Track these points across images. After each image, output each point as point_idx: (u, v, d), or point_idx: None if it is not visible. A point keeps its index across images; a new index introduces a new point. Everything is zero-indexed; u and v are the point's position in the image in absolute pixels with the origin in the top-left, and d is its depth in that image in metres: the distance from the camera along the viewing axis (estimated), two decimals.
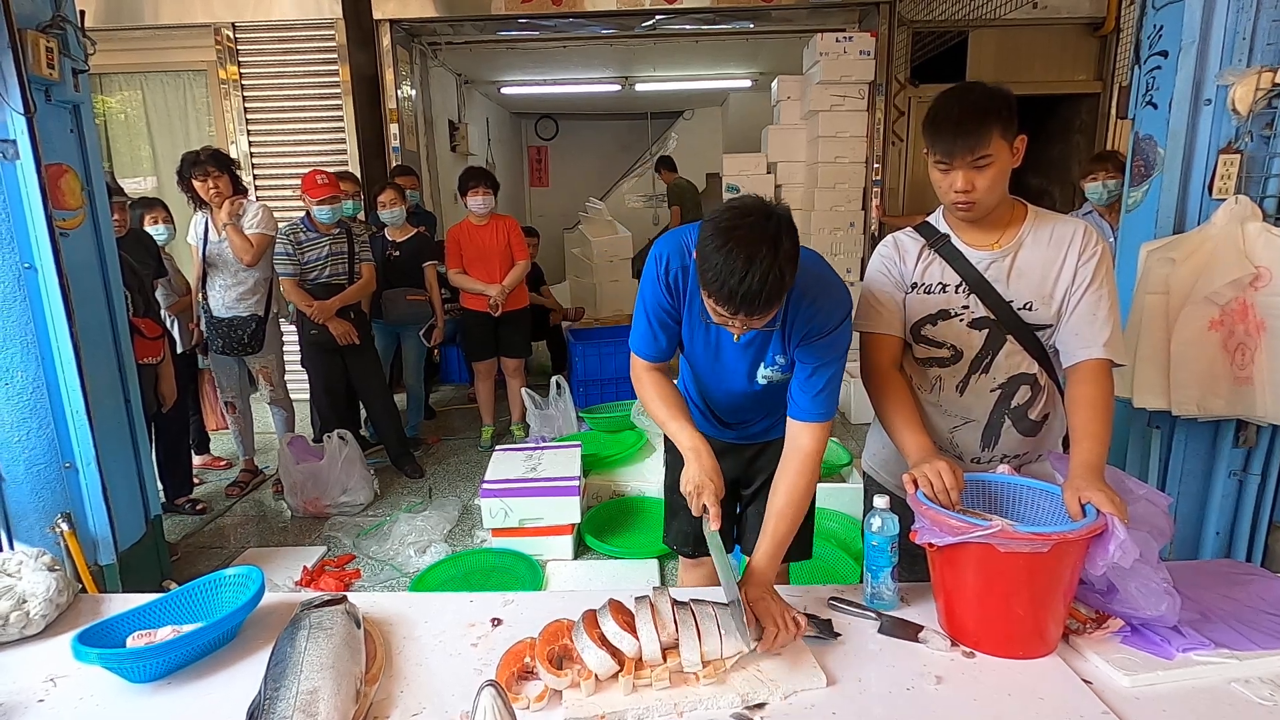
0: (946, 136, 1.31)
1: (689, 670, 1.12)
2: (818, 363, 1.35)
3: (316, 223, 3.54)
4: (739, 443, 1.66)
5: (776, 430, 1.56)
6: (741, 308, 1.14)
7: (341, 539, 3.23)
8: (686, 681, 1.11)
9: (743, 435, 1.65)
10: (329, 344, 3.57)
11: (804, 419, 1.37)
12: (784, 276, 1.13)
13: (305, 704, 1.00)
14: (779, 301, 1.17)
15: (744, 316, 1.17)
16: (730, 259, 1.11)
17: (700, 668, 1.11)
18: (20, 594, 1.29)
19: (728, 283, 1.12)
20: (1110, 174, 3.22)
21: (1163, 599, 1.15)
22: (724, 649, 1.13)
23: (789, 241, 1.14)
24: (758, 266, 1.10)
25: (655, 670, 1.11)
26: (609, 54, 6.63)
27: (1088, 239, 1.38)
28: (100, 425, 2.16)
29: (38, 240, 1.99)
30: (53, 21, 2.07)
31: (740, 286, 1.11)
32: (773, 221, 1.14)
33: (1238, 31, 1.82)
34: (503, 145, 9.18)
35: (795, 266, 1.16)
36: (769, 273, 1.11)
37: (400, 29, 5.25)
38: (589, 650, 1.11)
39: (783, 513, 1.35)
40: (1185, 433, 2.02)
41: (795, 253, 1.16)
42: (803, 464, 1.37)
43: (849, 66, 5.09)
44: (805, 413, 1.37)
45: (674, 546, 1.81)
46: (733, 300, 1.13)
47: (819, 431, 1.37)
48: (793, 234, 1.16)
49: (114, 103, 5.21)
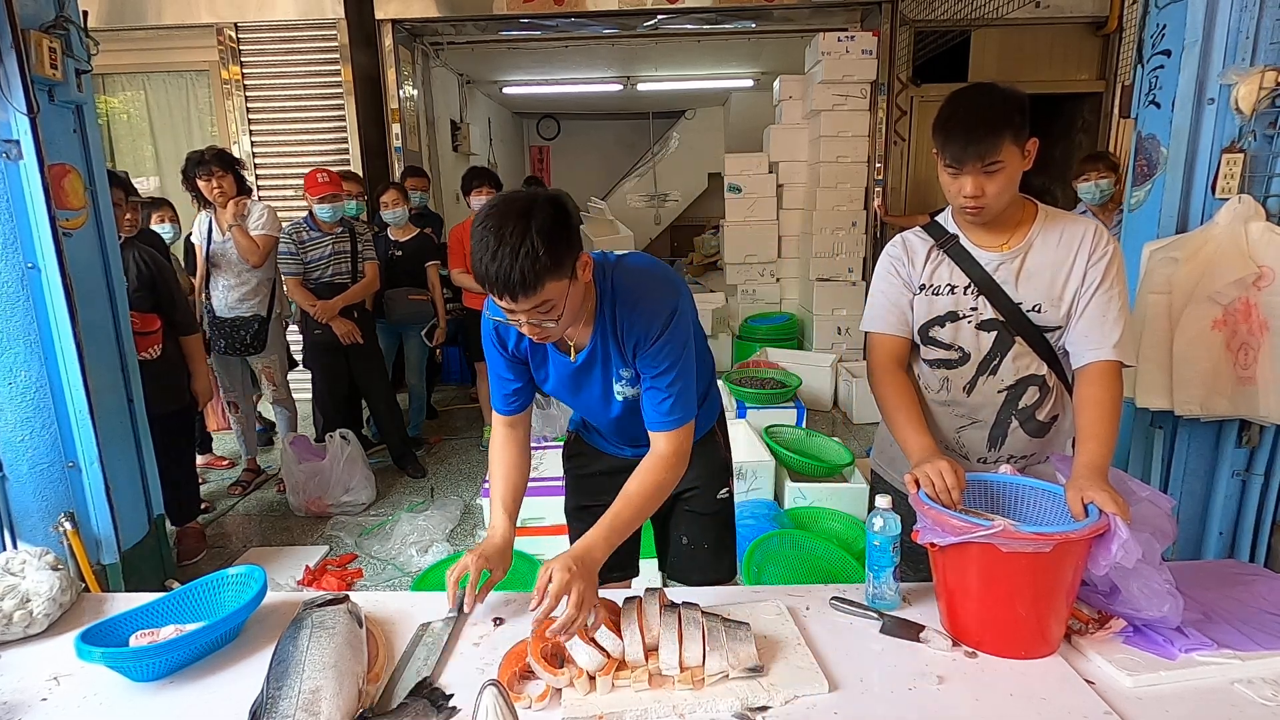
0: (957, 142, 1.29)
1: (667, 673, 1.11)
2: (654, 372, 1.30)
3: (319, 222, 3.54)
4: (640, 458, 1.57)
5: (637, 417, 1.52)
6: (504, 290, 1.11)
7: (343, 538, 3.24)
8: (665, 684, 1.11)
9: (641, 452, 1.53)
10: (333, 343, 3.58)
11: (655, 429, 1.34)
12: (538, 251, 1.09)
13: (308, 703, 1.00)
14: (543, 280, 1.11)
15: (512, 300, 1.13)
16: (483, 240, 1.10)
17: (677, 672, 1.11)
18: (24, 593, 1.29)
19: (483, 263, 1.10)
20: (1102, 174, 3.23)
21: (1165, 600, 1.15)
22: (706, 662, 1.12)
23: (544, 218, 1.11)
24: (507, 242, 1.08)
25: (635, 671, 1.11)
26: (611, 54, 6.63)
27: (1098, 239, 1.37)
28: (103, 425, 2.16)
29: (41, 240, 2.00)
30: (56, 22, 2.07)
31: (494, 264, 1.09)
32: (525, 200, 1.12)
33: (1241, 30, 1.82)
34: (505, 145, 9.18)
35: (562, 242, 1.12)
36: (520, 247, 1.08)
37: (402, 29, 5.25)
38: (578, 648, 1.11)
39: (627, 499, 1.30)
40: (1188, 433, 2.01)
41: (560, 229, 1.12)
42: (655, 463, 1.33)
43: (851, 66, 5.10)
44: (655, 424, 1.34)
45: None
46: (493, 282, 1.11)
47: (674, 436, 1.33)
48: (552, 211, 1.13)
49: (117, 103, 5.22)
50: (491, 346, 1.40)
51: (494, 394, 1.47)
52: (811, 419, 4.23)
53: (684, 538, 1.63)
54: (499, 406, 1.47)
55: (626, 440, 1.56)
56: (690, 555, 1.63)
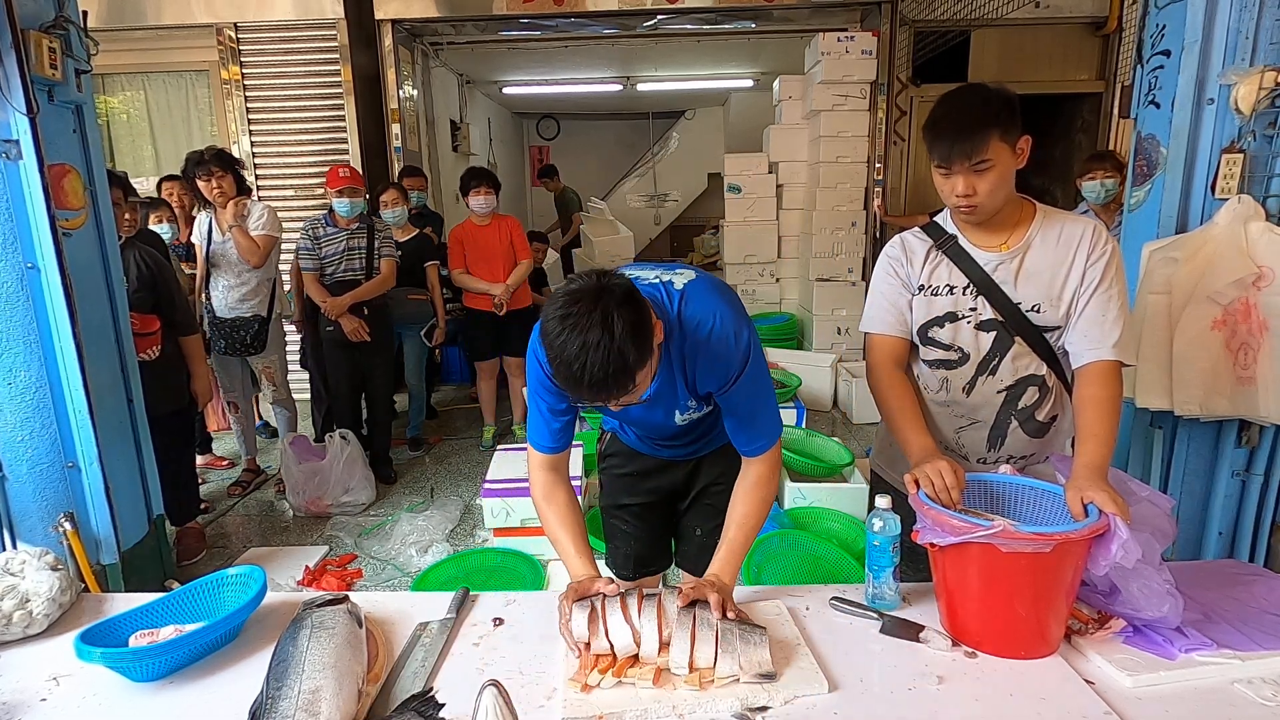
0: (944, 142, 1.30)
1: (676, 672, 1.12)
2: (741, 408, 1.32)
3: (336, 217, 3.55)
4: (675, 459, 1.62)
5: (711, 445, 1.56)
6: (591, 395, 1.09)
7: (343, 538, 3.24)
8: (670, 683, 1.11)
9: (678, 453, 1.61)
10: (344, 340, 3.58)
11: (751, 455, 1.37)
12: (625, 356, 1.05)
13: (307, 703, 1.00)
14: (631, 379, 1.09)
15: (605, 402, 1.12)
16: (567, 347, 1.05)
17: (686, 672, 1.11)
18: (23, 593, 1.29)
19: (571, 371, 1.06)
20: (1108, 173, 3.21)
21: (1165, 600, 1.15)
22: (717, 665, 1.11)
23: (624, 320, 1.05)
24: (595, 352, 1.04)
25: (644, 668, 1.11)
26: (611, 54, 6.63)
27: (1097, 239, 1.37)
28: (103, 425, 2.16)
29: (40, 240, 2.00)
30: (55, 22, 2.07)
31: (583, 374, 1.05)
32: (604, 301, 1.06)
33: (1240, 31, 1.82)
34: (504, 145, 9.18)
35: (641, 342, 1.08)
36: (608, 356, 1.04)
37: (402, 29, 5.25)
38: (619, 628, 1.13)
39: (742, 522, 1.35)
40: (1188, 433, 2.01)
41: (639, 326, 1.07)
42: (757, 482, 1.37)
43: (851, 66, 5.10)
44: (750, 450, 1.36)
45: (613, 568, 1.75)
46: (580, 387, 1.07)
47: (766, 458, 1.37)
48: (629, 306, 1.08)
49: (116, 103, 5.22)
50: (544, 391, 1.33)
51: (539, 431, 1.37)
52: (811, 419, 4.23)
53: (699, 529, 1.65)
54: (544, 443, 1.38)
55: (665, 443, 1.58)
56: (703, 547, 1.64)
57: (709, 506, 1.63)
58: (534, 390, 1.36)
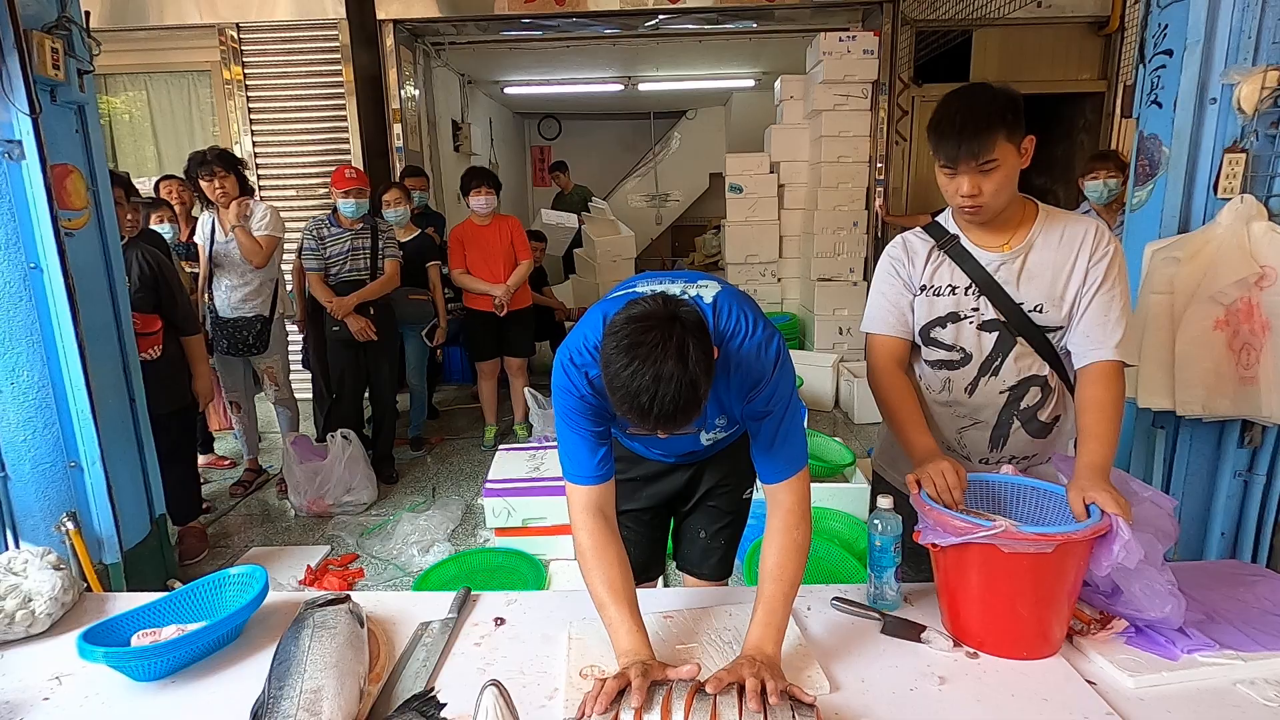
0: (950, 142, 1.30)
1: None
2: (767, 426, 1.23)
3: (341, 217, 3.56)
4: (680, 463, 1.58)
5: (716, 448, 1.54)
6: (658, 426, 1.05)
7: (345, 538, 3.24)
8: None
9: (684, 459, 1.58)
10: (350, 339, 3.58)
11: (775, 481, 1.25)
12: (697, 389, 1.02)
13: (309, 703, 1.00)
14: (700, 410, 1.05)
15: (667, 433, 1.08)
16: (637, 378, 1.00)
17: None
18: (26, 592, 1.29)
19: (639, 403, 1.02)
20: (1111, 173, 3.21)
21: (1167, 601, 1.14)
22: None
23: (698, 349, 1.02)
24: (668, 384, 1.00)
25: None
26: (612, 54, 6.63)
27: (1099, 239, 1.37)
28: (105, 424, 2.16)
29: (43, 240, 2.00)
30: (58, 22, 2.07)
31: (653, 407, 1.01)
32: (678, 331, 1.02)
33: (1243, 30, 1.81)
34: (506, 145, 9.18)
35: (710, 371, 1.05)
36: (681, 389, 1.00)
37: (403, 29, 5.25)
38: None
39: (777, 575, 1.17)
40: (1190, 433, 2.01)
41: (708, 357, 1.04)
42: (787, 522, 1.22)
43: (852, 66, 5.09)
44: (774, 475, 1.25)
45: None
46: (646, 420, 1.03)
47: (794, 485, 1.24)
48: (700, 337, 1.04)
49: (119, 103, 5.22)
50: (574, 414, 1.24)
51: (579, 461, 1.25)
52: (813, 419, 4.23)
53: (702, 531, 1.64)
54: (587, 473, 1.25)
55: (674, 452, 1.54)
56: (705, 549, 1.65)
57: (714, 509, 1.62)
58: (565, 416, 1.24)
